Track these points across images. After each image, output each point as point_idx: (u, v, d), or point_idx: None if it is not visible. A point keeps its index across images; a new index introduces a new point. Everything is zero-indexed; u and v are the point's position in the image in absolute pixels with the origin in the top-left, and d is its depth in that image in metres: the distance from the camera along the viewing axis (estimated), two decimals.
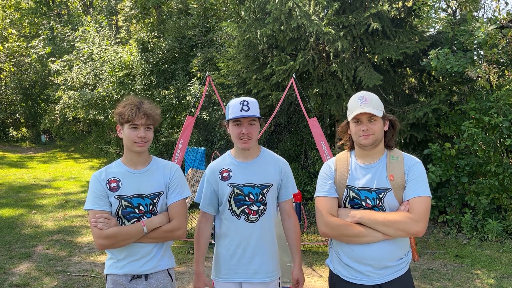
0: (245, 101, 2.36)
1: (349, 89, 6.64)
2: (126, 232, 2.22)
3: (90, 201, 2.27)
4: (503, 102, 6.24)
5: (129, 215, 2.28)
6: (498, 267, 5.21)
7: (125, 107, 2.24)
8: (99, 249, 2.25)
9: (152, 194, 2.31)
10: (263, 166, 2.46)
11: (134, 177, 2.31)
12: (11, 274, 4.97)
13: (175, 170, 2.39)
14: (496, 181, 6.12)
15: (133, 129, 2.24)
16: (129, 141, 2.26)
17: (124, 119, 2.23)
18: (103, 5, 18.78)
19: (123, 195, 2.28)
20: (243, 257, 2.42)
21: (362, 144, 2.21)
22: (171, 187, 2.35)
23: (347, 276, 2.26)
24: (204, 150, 9.30)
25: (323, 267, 5.36)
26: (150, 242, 2.29)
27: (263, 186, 2.42)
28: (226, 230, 2.46)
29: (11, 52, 21.56)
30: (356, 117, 2.19)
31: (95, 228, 2.20)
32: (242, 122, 2.37)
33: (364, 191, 2.23)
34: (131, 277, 2.30)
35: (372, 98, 2.21)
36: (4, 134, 22.56)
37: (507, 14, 6.51)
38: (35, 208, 8.18)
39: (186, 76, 11.50)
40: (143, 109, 2.23)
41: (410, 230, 2.11)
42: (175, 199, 2.34)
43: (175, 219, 2.31)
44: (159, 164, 2.39)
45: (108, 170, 2.34)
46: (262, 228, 2.42)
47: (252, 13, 7.24)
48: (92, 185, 2.30)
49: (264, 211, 2.42)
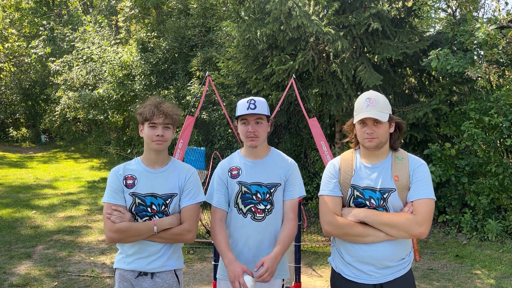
0: (252, 100, 2.38)
1: (349, 89, 6.64)
2: (136, 228, 2.27)
3: (106, 194, 2.34)
4: (503, 102, 6.24)
5: (142, 212, 2.33)
6: (498, 267, 5.21)
7: (146, 107, 2.32)
8: (108, 241, 2.31)
9: (166, 195, 2.34)
10: (272, 165, 2.46)
11: (150, 176, 2.36)
12: (11, 274, 4.97)
13: (191, 174, 2.41)
14: (496, 181, 6.12)
15: (152, 127, 2.30)
16: (148, 139, 2.33)
17: (143, 118, 2.31)
18: (103, 5, 18.77)
19: (137, 193, 2.33)
20: (248, 256, 2.42)
21: (366, 146, 2.23)
22: (185, 190, 2.37)
23: (348, 275, 2.27)
24: (204, 150, 9.29)
25: (323, 267, 5.36)
26: (159, 241, 2.33)
27: (270, 186, 2.42)
28: (233, 228, 2.45)
29: (11, 52, 21.56)
30: (361, 120, 2.20)
31: (108, 221, 2.26)
32: (248, 120, 2.38)
33: (368, 191, 2.23)
34: (137, 274, 2.34)
35: (380, 100, 2.21)
36: (4, 134, 22.56)
37: (507, 14, 6.51)
38: (35, 208, 8.18)
39: (186, 76, 11.50)
40: (162, 109, 2.30)
41: (413, 232, 2.12)
42: (188, 202, 2.36)
43: (186, 223, 2.34)
44: (177, 166, 2.43)
45: (126, 166, 2.40)
46: (268, 227, 2.41)
47: (252, 13, 7.24)
48: (110, 179, 2.37)
49: (271, 210, 2.42)
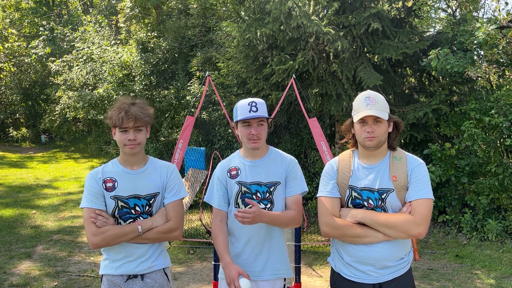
0: (254, 102, 2.36)
1: (349, 89, 6.64)
2: (121, 231, 2.23)
3: (86, 199, 2.27)
4: (503, 102, 6.23)
5: (125, 215, 2.29)
6: (498, 267, 5.21)
7: (114, 111, 2.25)
8: (92, 247, 2.24)
9: (149, 195, 2.32)
10: (271, 164, 2.46)
11: (130, 177, 2.32)
12: (11, 274, 4.97)
13: (172, 170, 2.40)
14: (496, 181, 6.12)
15: (122, 132, 2.25)
16: (120, 143, 2.28)
17: (113, 123, 2.25)
18: (103, 5, 18.77)
19: (119, 196, 2.28)
20: (250, 256, 2.42)
21: (366, 145, 2.22)
22: (168, 187, 2.36)
23: (348, 275, 2.27)
24: (204, 150, 9.30)
25: (323, 267, 5.36)
26: (146, 242, 2.30)
27: (270, 184, 2.42)
28: (233, 228, 2.45)
29: (11, 52, 21.55)
30: (361, 118, 2.19)
31: (92, 225, 2.21)
32: (251, 123, 2.36)
33: (366, 191, 2.23)
34: (126, 277, 2.30)
35: (379, 99, 2.21)
36: (4, 134, 22.55)
37: (507, 14, 6.51)
38: (35, 208, 8.18)
39: (186, 76, 11.49)
40: (132, 112, 2.22)
41: (411, 232, 2.12)
42: (172, 199, 2.35)
43: (172, 220, 2.32)
44: (156, 164, 2.40)
45: (104, 169, 2.34)
46: (269, 226, 2.41)
47: (252, 13, 7.24)
48: (88, 183, 2.29)
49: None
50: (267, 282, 2.43)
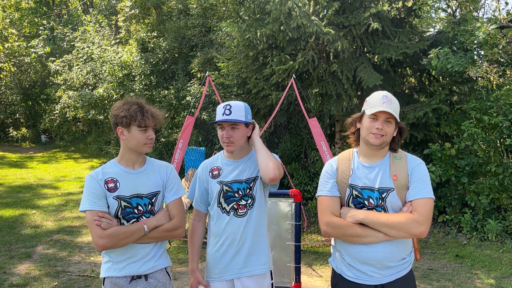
0: (228, 105, 2.38)
1: (349, 89, 6.64)
2: (127, 231, 2.21)
3: (88, 202, 2.22)
4: (503, 102, 6.23)
5: (128, 215, 2.28)
6: (498, 267, 5.21)
7: (130, 109, 2.22)
8: (99, 250, 2.21)
9: (151, 194, 2.33)
10: (252, 162, 2.50)
11: (131, 177, 2.32)
12: (11, 274, 4.97)
13: (171, 170, 2.44)
14: (496, 181, 6.12)
15: (143, 131, 2.26)
16: (139, 143, 2.27)
17: (130, 120, 2.22)
18: (103, 5, 18.77)
19: (122, 196, 2.27)
20: (233, 253, 2.45)
21: (371, 142, 2.21)
22: (168, 186, 2.38)
23: (349, 276, 2.27)
24: (204, 150, 9.30)
25: (323, 267, 5.36)
26: (151, 241, 2.30)
27: (249, 180, 2.46)
28: (217, 228, 2.48)
29: (11, 52, 21.54)
30: (375, 113, 2.19)
31: (97, 228, 2.16)
32: (223, 126, 2.40)
33: (366, 190, 2.23)
34: (130, 278, 2.29)
35: (394, 101, 2.23)
36: (4, 134, 22.54)
37: (507, 14, 6.51)
38: (35, 208, 8.18)
39: (186, 76, 11.49)
40: (150, 111, 2.28)
41: (413, 231, 2.12)
42: (173, 197, 2.37)
43: (176, 218, 2.35)
44: (155, 164, 2.43)
45: (104, 170, 2.32)
46: (250, 221, 2.44)
47: (252, 13, 7.24)
48: (89, 185, 2.26)
49: (252, 204, 2.45)
50: (250, 278, 2.45)
